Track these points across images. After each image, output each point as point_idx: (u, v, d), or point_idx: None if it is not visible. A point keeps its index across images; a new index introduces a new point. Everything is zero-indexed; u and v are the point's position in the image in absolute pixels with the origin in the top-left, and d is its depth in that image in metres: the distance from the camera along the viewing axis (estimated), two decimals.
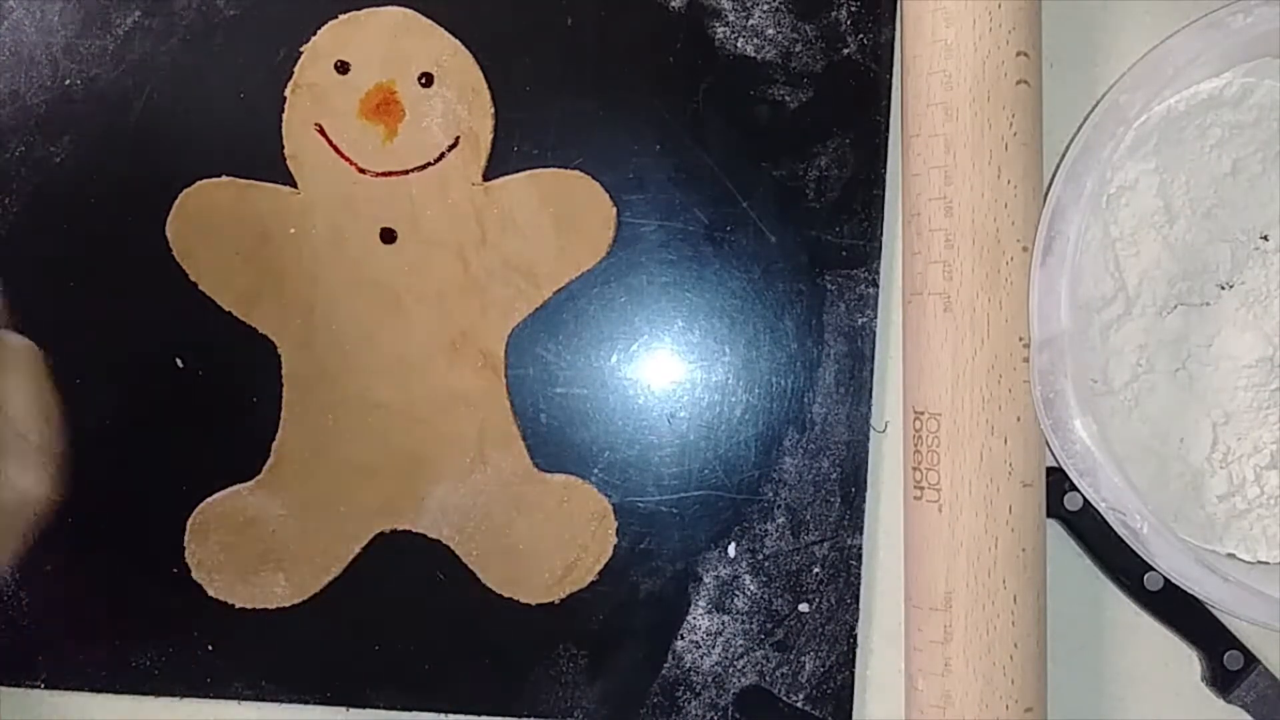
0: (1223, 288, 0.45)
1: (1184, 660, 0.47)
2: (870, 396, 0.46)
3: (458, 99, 0.45)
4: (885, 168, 0.46)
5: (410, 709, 0.46)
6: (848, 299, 0.46)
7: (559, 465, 0.46)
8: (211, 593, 0.45)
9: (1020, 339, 0.42)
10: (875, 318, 0.46)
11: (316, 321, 0.45)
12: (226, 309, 0.45)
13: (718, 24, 0.46)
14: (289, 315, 0.45)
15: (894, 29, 0.46)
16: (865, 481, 0.46)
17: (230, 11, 0.46)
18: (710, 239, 0.46)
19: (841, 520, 0.46)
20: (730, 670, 0.46)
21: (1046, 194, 0.43)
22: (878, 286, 0.46)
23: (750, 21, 0.46)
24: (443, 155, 0.45)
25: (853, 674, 0.46)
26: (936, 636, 0.42)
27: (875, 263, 0.46)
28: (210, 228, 0.45)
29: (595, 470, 0.46)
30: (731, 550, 0.46)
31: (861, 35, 0.46)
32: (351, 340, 0.45)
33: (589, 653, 0.46)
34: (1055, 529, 0.45)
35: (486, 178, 0.46)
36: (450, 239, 0.45)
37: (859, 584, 0.46)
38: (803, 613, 0.46)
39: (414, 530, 0.45)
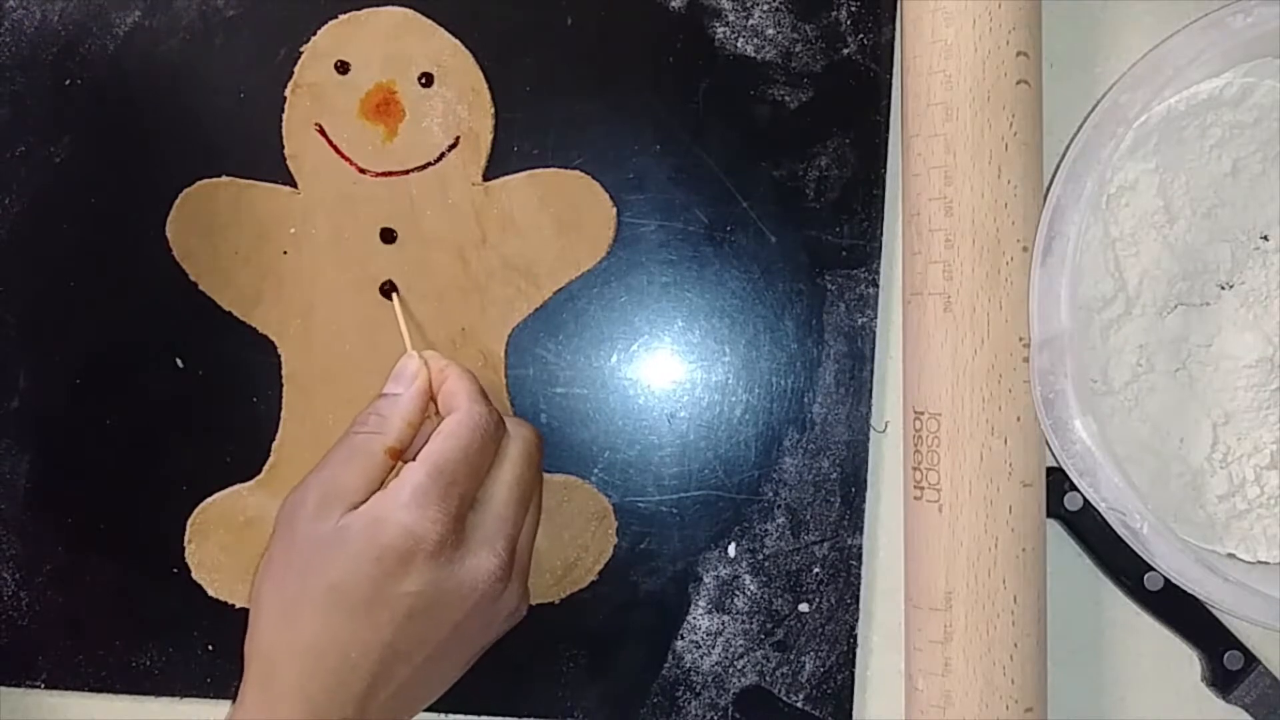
0: (1223, 288, 0.45)
1: (1184, 660, 0.47)
2: (870, 396, 0.46)
3: (458, 99, 0.45)
4: (885, 168, 0.46)
5: None
6: (848, 299, 0.46)
7: (559, 465, 0.46)
8: (211, 593, 0.45)
9: (1020, 339, 0.42)
10: (875, 318, 0.46)
11: (316, 321, 0.45)
12: (226, 309, 0.45)
13: (718, 24, 0.46)
14: (289, 315, 0.45)
15: (894, 29, 0.46)
16: (865, 481, 0.46)
17: (230, 11, 0.46)
18: (710, 239, 0.46)
19: (841, 520, 0.46)
20: (730, 670, 0.46)
21: (1046, 194, 0.43)
22: (878, 286, 0.46)
23: (750, 21, 0.46)
24: (443, 155, 0.45)
25: (853, 674, 0.46)
26: (936, 636, 0.42)
27: (875, 263, 0.46)
28: (210, 228, 0.45)
29: (595, 470, 0.46)
30: (731, 550, 0.46)
31: (861, 35, 0.46)
32: (351, 340, 0.45)
33: (589, 653, 0.46)
34: (1055, 529, 0.45)
35: (486, 178, 0.46)
36: (450, 239, 0.45)
37: (859, 584, 0.46)
38: (803, 613, 0.46)
39: None
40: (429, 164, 0.45)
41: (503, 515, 0.40)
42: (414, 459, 0.40)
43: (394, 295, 0.45)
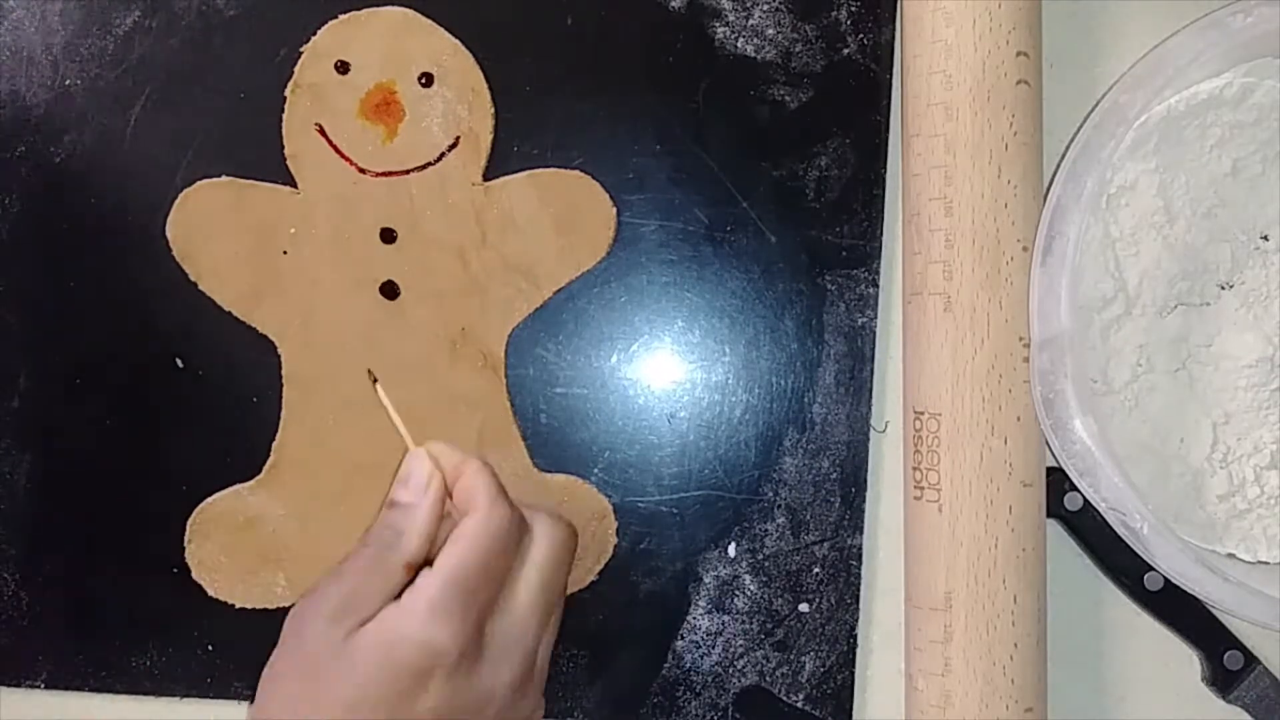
0: (1223, 288, 0.45)
1: (1184, 660, 0.47)
2: (870, 396, 0.46)
3: (458, 99, 0.45)
4: (885, 168, 0.46)
5: None
6: (848, 299, 0.46)
7: (559, 465, 0.46)
8: (211, 593, 0.45)
9: (1020, 339, 0.42)
10: (875, 318, 0.46)
11: (316, 321, 0.45)
12: (226, 309, 0.45)
13: (718, 24, 0.46)
14: (289, 315, 0.45)
15: (894, 29, 0.46)
16: (865, 481, 0.46)
17: (230, 11, 0.46)
18: (710, 239, 0.46)
19: (841, 520, 0.46)
20: (730, 670, 0.46)
21: (1046, 194, 0.43)
22: (878, 286, 0.46)
23: (750, 21, 0.46)
24: (443, 155, 0.45)
25: (853, 674, 0.46)
26: (936, 636, 0.42)
27: (875, 263, 0.46)
28: (210, 228, 0.45)
29: (595, 470, 0.46)
30: (731, 550, 0.46)
31: (861, 35, 0.46)
32: (351, 340, 0.45)
33: (589, 653, 0.46)
34: (1055, 529, 0.45)
35: (486, 178, 0.46)
36: (450, 239, 0.45)
37: (859, 584, 0.46)
38: (803, 613, 0.46)
39: None
40: (429, 164, 0.45)
41: (523, 624, 0.38)
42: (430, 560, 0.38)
43: (376, 384, 0.42)
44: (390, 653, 0.36)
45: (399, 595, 0.37)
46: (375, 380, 0.42)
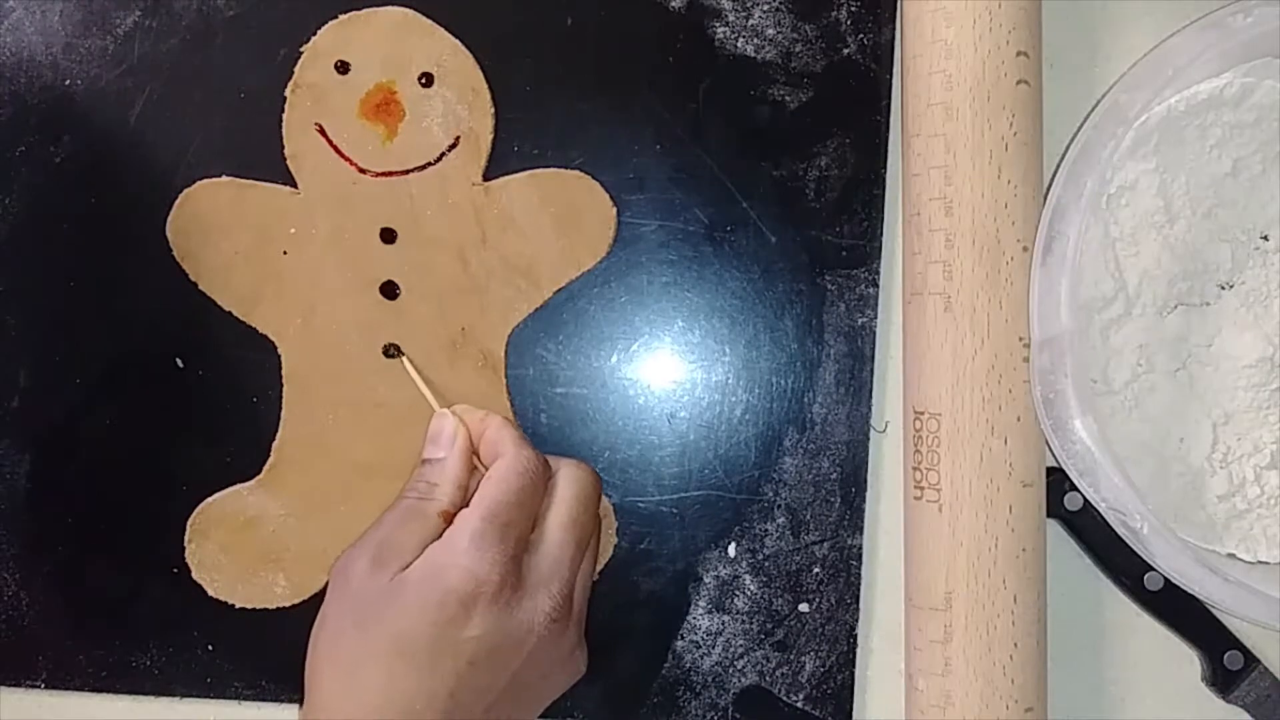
0: (1223, 288, 0.45)
1: (1184, 660, 0.47)
2: (870, 396, 0.46)
3: (458, 99, 0.45)
4: (885, 168, 0.46)
5: None
6: (848, 299, 0.46)
7: None
8: (211, 593, 0.45)
9: (1020, 339, 0.42)
10: (875, 318, 0.46)
11: (316, 321, 0.45)
12: (226, 309, 0.45)
13: (718, 24, 0.46)
14: (289, 315, 0.45)
15: (894, 29, 0.46)
16: (865, 481, 0.46)
17: (230, 11, 0.46)
18: (710, 239, 0.46)
19: (841, 520, 0.46)
20: (730, 670, 0.46)
21: (1046, 194, 0.43)
22: (878, 286, 0.46)
23: (750, 21, 0.46)
24: (443, 155, 0.45)
25: (853, 674, 0.46)
26: (936, 636, 0.42)
27: (875, 263, 0.46)
28: (210, 228, 0.45)
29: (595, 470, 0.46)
30: (731, 550, 0.46)
31: (861, 35, 0.46)
32: (351, 340, 0.45)
33: (589, 653, 0.46)
34: (1055, 529, 0.45)
35: (486, 178, 0.46)
36: (450, 239, 0.45)
37: (859, 584, 0.46)
38: (803, 613, 0.46)
39: None
40: (429, 164, 0.45)
41: (557, 557, 0.40)
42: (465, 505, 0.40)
43: (402, 357, 0.45)
44: (436, 582, 0.38)
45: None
46: (400, 353, 0.45)
